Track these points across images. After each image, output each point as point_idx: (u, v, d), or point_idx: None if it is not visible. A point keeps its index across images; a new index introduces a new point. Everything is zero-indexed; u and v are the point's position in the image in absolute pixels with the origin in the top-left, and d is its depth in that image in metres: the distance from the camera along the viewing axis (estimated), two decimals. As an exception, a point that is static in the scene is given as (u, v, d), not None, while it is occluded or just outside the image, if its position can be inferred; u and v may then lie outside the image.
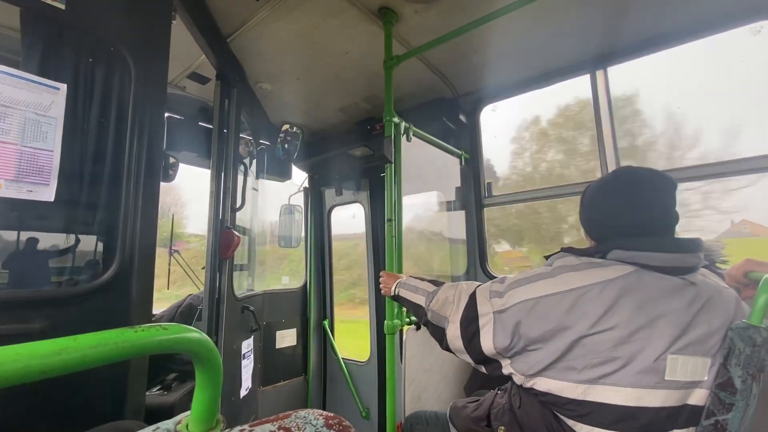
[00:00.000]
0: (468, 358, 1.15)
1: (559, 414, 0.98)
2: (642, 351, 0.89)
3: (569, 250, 1.12)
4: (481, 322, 1.10)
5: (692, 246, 0.98)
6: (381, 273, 1.63)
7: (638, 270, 0.97)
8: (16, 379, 0.29)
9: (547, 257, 1.18)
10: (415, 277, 1.49)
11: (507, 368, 1.08)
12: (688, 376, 0.90)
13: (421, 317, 1.35)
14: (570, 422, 0.95)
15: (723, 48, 1.74)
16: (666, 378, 0.89)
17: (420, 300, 1.36)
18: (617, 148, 1.95)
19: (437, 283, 1.39)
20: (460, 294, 1.21)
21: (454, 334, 1.17)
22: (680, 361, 0.90)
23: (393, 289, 1.51)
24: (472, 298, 1.16)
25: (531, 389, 1.04)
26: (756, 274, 1.03)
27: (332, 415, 0.44)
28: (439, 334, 1.25)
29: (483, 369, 1.15)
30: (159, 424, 0.44)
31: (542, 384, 1.00)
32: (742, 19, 1.62)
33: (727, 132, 1.86)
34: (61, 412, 1.02)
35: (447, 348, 1.22)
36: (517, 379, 1.06)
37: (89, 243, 1.20)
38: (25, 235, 1.10)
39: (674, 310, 0.92)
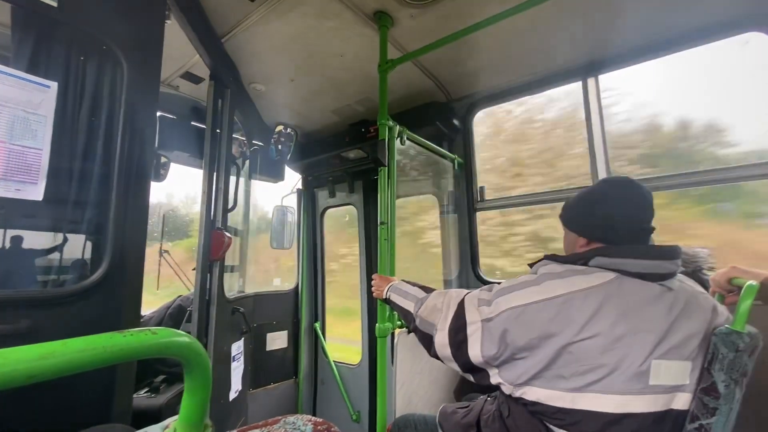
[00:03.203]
0: (456, 366, 1.15)
1: (548, 423, 0.99)
2: (626, 357, 0.91)
3: (552, 258, 1.13)
4: (469, 330, 1.09)
5: (671, 253, 1.00)
6: (373, 276, 1.63)
7: (619, 277, 0.99)
8: (3, 383, 0.29)
9: (531, 264, 1.19)
10: (408, 282, 1.49)
11: (495, 378, 1.08)
12: (671, 380, 0.92)
13: (409, 323, 1.35)
14: (559, 431, 0.96)
15: (712, 58, 1.78)
16: (650, 383, 0.90)
17: (409, 306, 1.36)
18: (608, 153, 1.99)
19: (427, 290, 1.39)
20: (449, 302, 1.21)
21: (442, 342, 1.16)
22: (663, 366, 0.91)
23: (385, 292, 1.51)
24: (461, 306, 1.16)
25: (520, 399, 1.04)
26: (740, 280, 1.06)
27: (321, 420, 0.44)
28: (426, 341, 1.24)
29: (471, 378, 1.15)
30: (146, 429, 0.44)
31: (531, 393, 1.00)
32: (730, 30, 1.66)
33: (716, 138, 1.89)
34: (46, 414, 1.00)
35: (435, 355, 1.22)
36: (506, 388, 1.06)
37: (78, 243, 1.18)
38: (11, 234, 1.08)
39: (655, 316, 0.94)
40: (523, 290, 1.05)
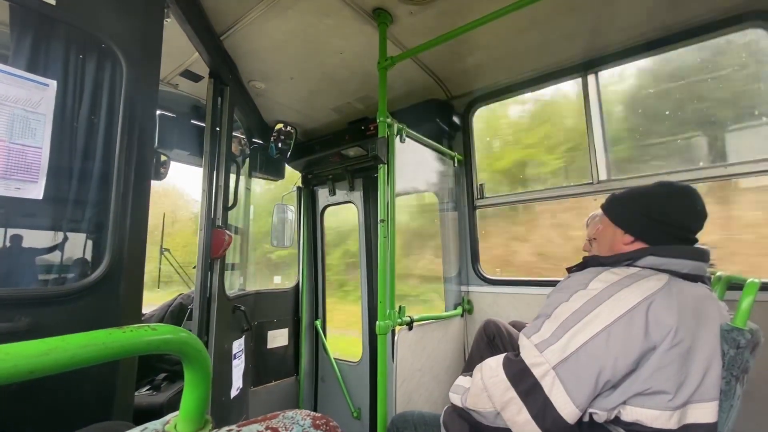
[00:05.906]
0: None
1: None
2: (711, 358, 0.90)
3: (596, 261, 1.10)
4: (544, 382, 0.91)
5: (707, 255, 1.02)
6: None
7: (671, 278, 0.97)
8: (4, 378, 0.29)
9: (569, 269, 1.17)
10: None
11: (586, 414, 0.92)
12: None
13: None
14: None
15: (710, 53, 1.78)
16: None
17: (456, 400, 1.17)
18: (607, 150, 1.98)
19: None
20: (490, 371, 1.03)
21: (520, 418, 0.92)
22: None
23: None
24: (519, 365, 0.96)
25: (609, 420, 0.92)
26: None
27: (319, 415, 0.45)
28: None
29: None
30: (147, 425, 0.44)
31: (629, 414, 0.89)
32: (727, 26, 1.66)
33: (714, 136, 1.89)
34: (47, 412, 1.00)
35: None
36: (599, 416, 0.91)
37: (78, 241, 1.18)
38: (11, 233, 1.08)
39: (711, 314, 0.95)
40: (595, 311, 0.93)
